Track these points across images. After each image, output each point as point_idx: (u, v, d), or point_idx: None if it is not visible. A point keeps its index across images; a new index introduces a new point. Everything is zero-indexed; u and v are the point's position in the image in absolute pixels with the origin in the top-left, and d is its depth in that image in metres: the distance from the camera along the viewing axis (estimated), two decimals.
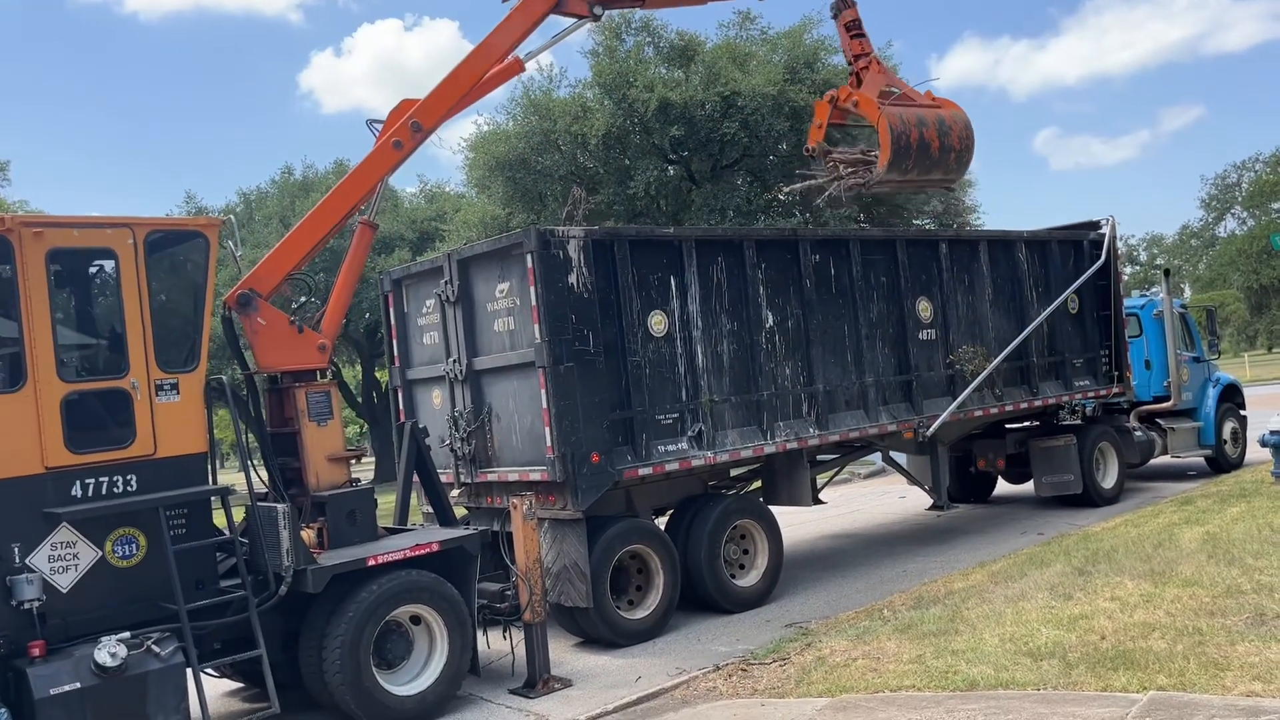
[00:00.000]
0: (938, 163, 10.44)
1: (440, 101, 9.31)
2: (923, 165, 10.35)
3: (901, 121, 10.15)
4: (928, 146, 10.25)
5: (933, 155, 10.31)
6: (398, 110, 9.34)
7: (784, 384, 11.03)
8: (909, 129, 10.15)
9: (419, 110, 9.19)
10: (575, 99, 25.51)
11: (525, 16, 9.66)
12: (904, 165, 10.17)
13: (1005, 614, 8.02)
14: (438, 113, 9.28)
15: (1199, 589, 7.85)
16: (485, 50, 9.56)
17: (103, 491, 7.02)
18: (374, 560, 7.77)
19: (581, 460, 9.22)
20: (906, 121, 10.18)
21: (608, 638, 9.54)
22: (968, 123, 10.70)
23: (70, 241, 7.12)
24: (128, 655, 6.62)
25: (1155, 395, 16.45)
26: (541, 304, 9.15)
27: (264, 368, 8.38)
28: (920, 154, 10.20)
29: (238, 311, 8.28)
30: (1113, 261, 15.18)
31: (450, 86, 9.37)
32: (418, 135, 9.18)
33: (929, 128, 10.36)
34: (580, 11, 9.89)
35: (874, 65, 10.78)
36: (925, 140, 10.25)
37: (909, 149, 10.10)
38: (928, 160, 10.33)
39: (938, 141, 10.32)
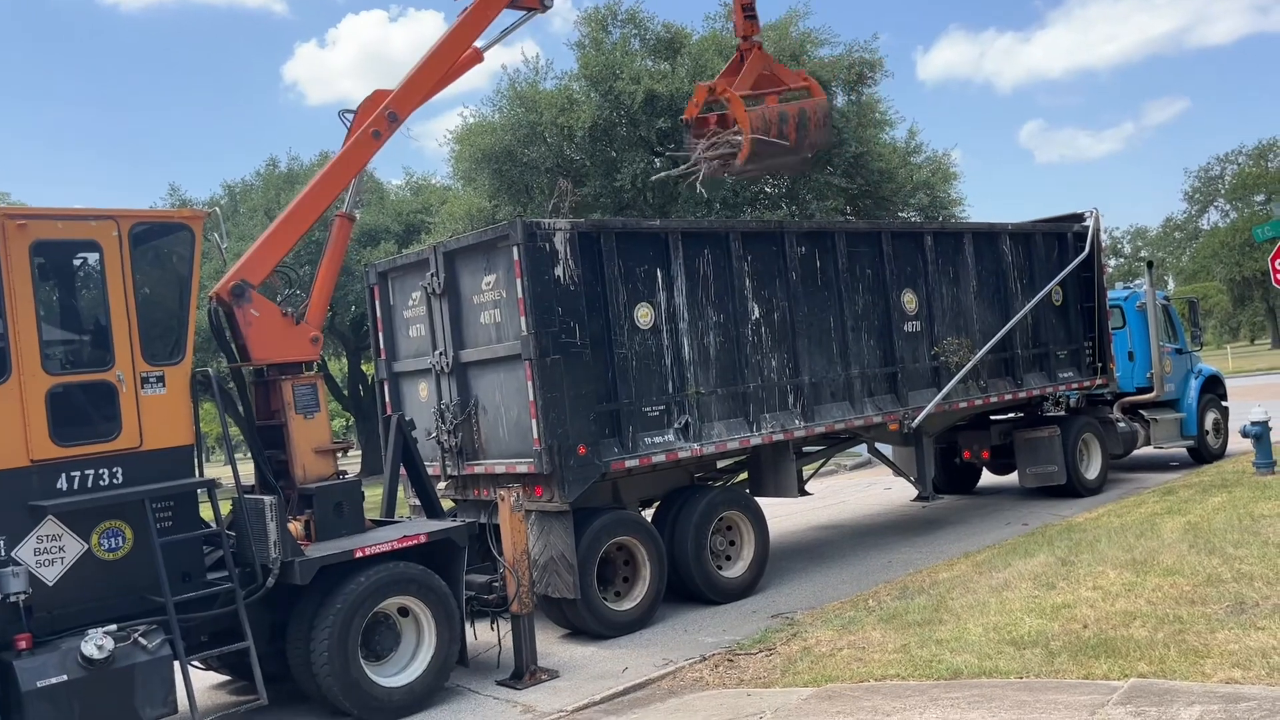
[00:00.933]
0: (793, 152, 11.22)
1: (414, 92, 9.45)
2: (779, 157, 11.20)
3: (764, 121, 10.83)
4: (784, 140, 10.98)
5: (789, 148, 11.09)
6: (371, 101, 9.39)
7: (770, 376, 11.07)
8: (769, 127, 10.86)
9: (394, 101, 9.28)
10: (561, 91, 25.46)
11: (487, 9, 9.90)
12: (762, 160, 11.03)
13: (989, 603, 8.09)
14: (412, 103, 9.42)
15: (1180, 578, 7.94)
16: (454, 42, 9.74)
17: (88, 484, 7.00)
18: (361, 552, 7.78)
19: (568, 452, 9.24)
20: (768, 120, 10.88)
21: (595, 629, 9.58)
22: (827, 111, 11.55)
23: (54, 234, 7.09)
24: (115, 648, 6.61)
25: (1138, 386, 16.57)
26: (528, 296, 9.17)
27: (258, 360, 8.36)
28: (777, 150, 10.97)
29: (232, 303, 8.25)
30: (1096, 254, 15.27)
31: (423, 77, 9.52)
32: (394, 125, 9.29)
33: (789, 124, 11.04)
34: (532, 4, 10.36)
35: (757, 50, 11.37)
36: (784, 135, 10.95)
37: (768, 146, 10.82)
38: (785, 153, 11.14)
39: (795, 136, 11.05)
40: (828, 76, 25.26)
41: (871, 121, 27.50)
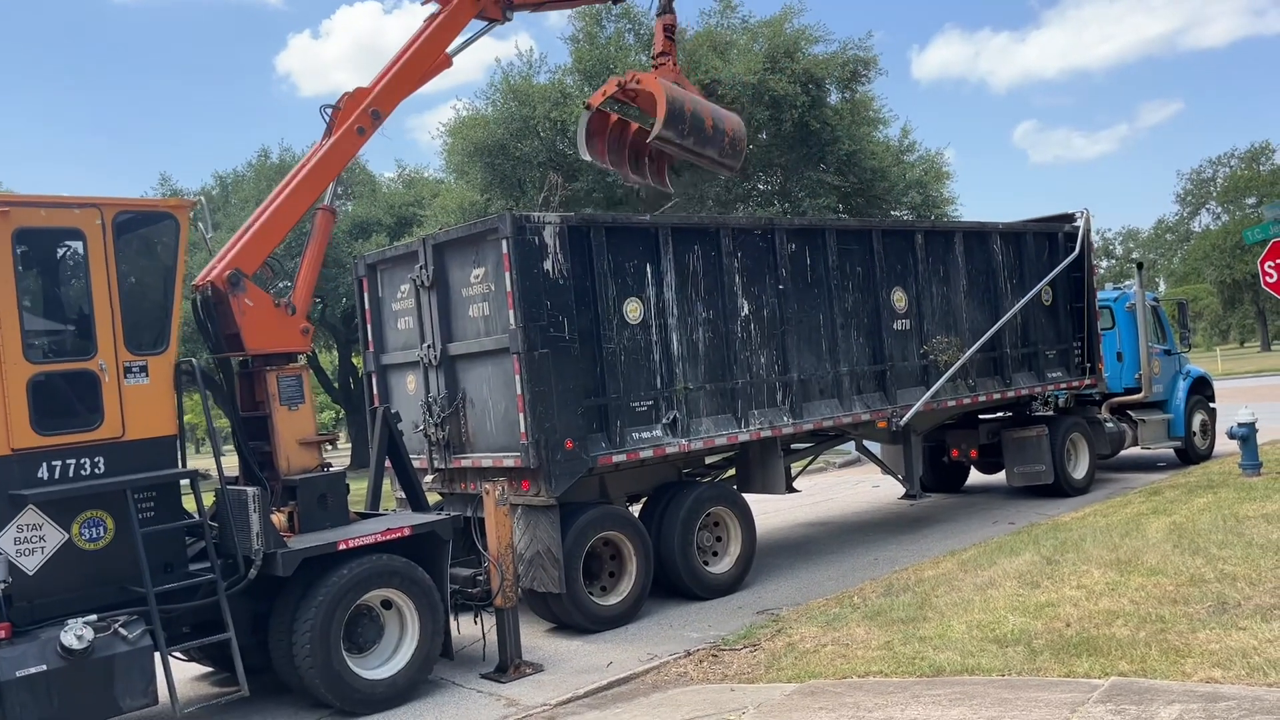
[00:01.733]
0: (711, 140, 11.15)
1: (394, 91, 9.67)
2: (698, 137, 11.06)
3: (679, 92, 10.95)
4: (701, 122, 11.00)
5: (706, 132, 11.08)
6: (353, 98, 9.44)
7: (759, 372, 11.07)
8: (684, 101, 10.91)
9: (377, 99, 9.45)
10: (555, 85, 25.41)
11: (457, 16, 10.15)
12: (680, 129, 10.83)
13: (973, 601, 8.10)
14: (393, 101, 9.65)
15: (1163, 578, 7.95)
16: (430, 44, 9.96)
17: (70, 474, 6.96)
18: (345, 544, 7.75)
19: (555, 447, 9.22)
20: (682, 95, 10.98)
21: (580, 623, 9.56)
22: (740, 124, 11.71)
23: (37, 221, 7.04)
24: (94, 638, 6.57)
25: (1126, 387, 16.61)
26: (516, 290, 9.14)
27: (251, 349, 8.33)
28: (694, 125, 10.93)
29: (227, 291, 8.21)
30: (1086, 254, 15.29)
31: (402, 76, 9.73)
32: (376, 122, 9.46)
33: (702, 108, 11.17)
34: (494, 15, 10.57)
35: (671, 65, 11.56)
36: (699, 115, 10.98)
37: (683, 115, 10.77)
38: (702, 135, 11.06)
39: (710, 121, 11.11)
40: (821, 74, 25.27)
41: (865, 120, 27.50)
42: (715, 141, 11.27)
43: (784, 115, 23.99)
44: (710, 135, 11.18)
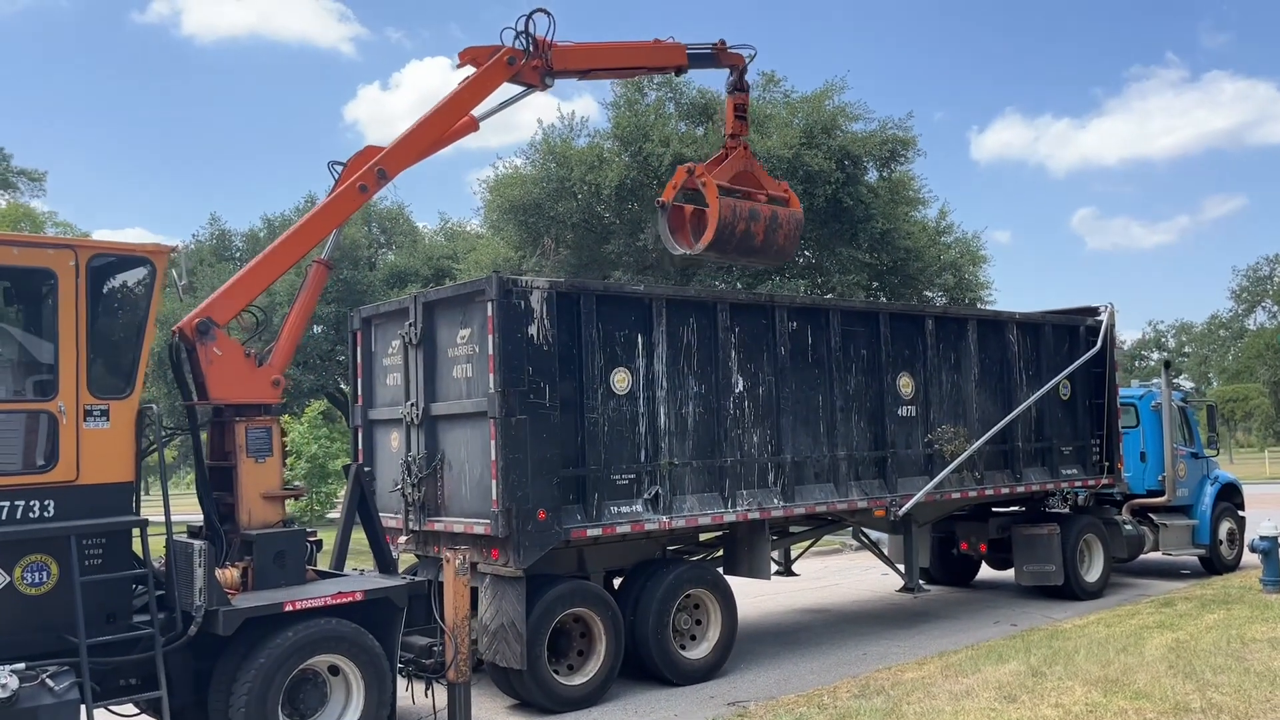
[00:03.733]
0: (759, 251, 11.14)
1: (406, 152, 9.47)
2: (744, 251, 11.09)
3: (733, 214, 10.74)
4: (751, 239, 10.92)
5: (755, 246, 11.03)
6: (362, 155, 9.43)
7: (750, 451, 10.78)
8: (738, 221, 10.78)
9: (385, 159, 9.28)
10: (592, 149, 25.63)
11: (490, 80, 9.98)
12: (725, 248, 10.94)
13: (944, 712, 7.68)
14: (403, 162, 9.43)
15: (1146, 703, 7.48)
16: (451, 108, 9.79)
17: (17, 515, 6.83)
18: (291, 606, 7.53)
19: (526, 516, 8.99)
20: (738, 214, 10.79)
21: (541, 703, 9.24)
22: (799, 223, 11.53)
23: (9, 260, 7.02)
24: (19, 687, 6.39)
25: (1149, 489, 16.04)
26: (498, 353, 9.00)
27: (216, 399, 8.23)
28: (743, 243, 10.90)
29: (195, 339, 8.16)
30: (1109, 349, 14.86)
31: (417, 138, 9.53)
32: (382, 181, 9.33)
33: (758, 223, 10.96)
34: (532, 81, 10.32)
35: (742, 149, 11.38)
36: (750, 233, 10.88)
37: (731, 238, 10.76)
38: (750, 249, 11.04)
39: (763, 237, 11.01)
40: (859, 151, 25.23)
41: (902, 199, 27.39)
42: (764, 251, 11.23)
43: (817, 190, 23.94)
44: (759, 247, 11.09)
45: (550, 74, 10.36)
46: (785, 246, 11.38)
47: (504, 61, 9.98)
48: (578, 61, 10.68)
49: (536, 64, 10.22)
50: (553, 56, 10.32)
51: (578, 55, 10.66)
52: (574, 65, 10.68)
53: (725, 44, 11.65)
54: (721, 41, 11.66)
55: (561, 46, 10.43)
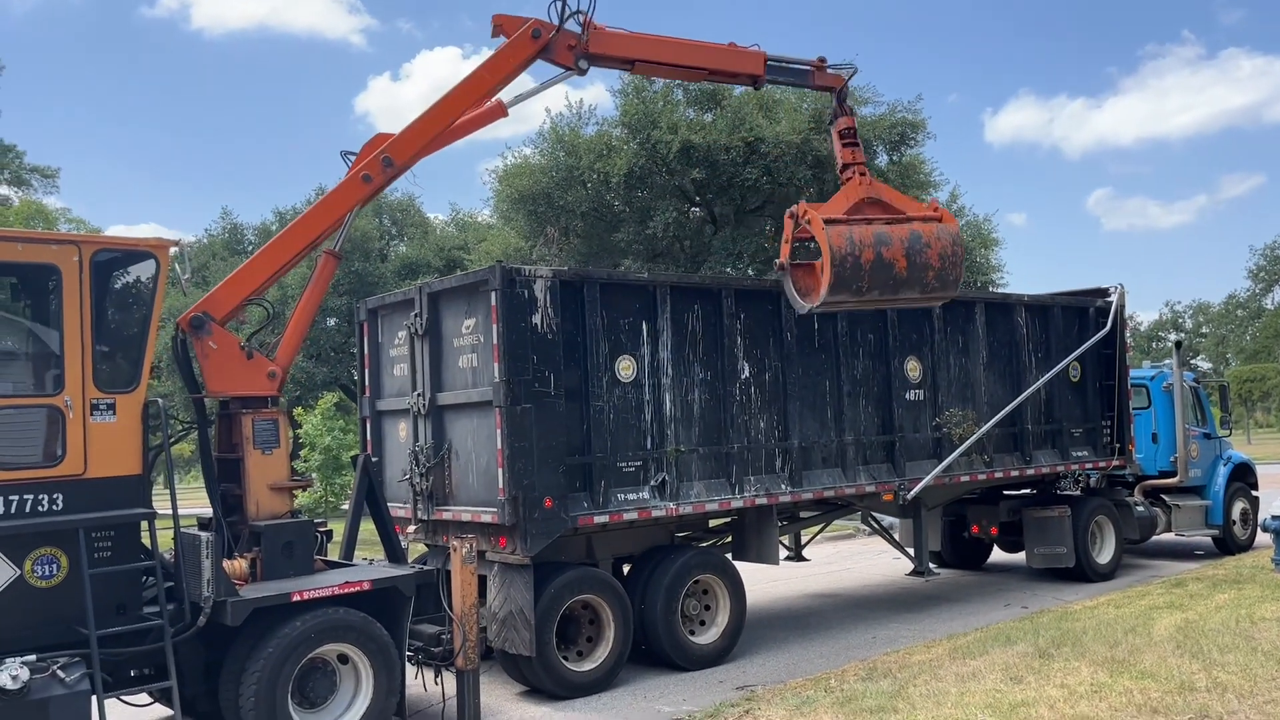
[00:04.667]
0: (908, 282, 9.59)
1: (414, 138, 9.16)
2: (885, 285, 9.53)
3: (850, 243, 9.33)
4: (889, 268, 9.43)
5: (898, 274, 9.50)
6: (371, 144, 9.23)
7: (757, 437, 10.78)
8: (860, 249, 9.34)
9: (392, 145, 9.06)
10: (600, 137, 25.60)
11: (511, 57, 9.45)
12: (856, 286, 9.42)
13: (949, 694, 7.68)
14: (410, 149, 9.14)
15: (1152, 682, 7.47)
16: (466, 88, 9.37)
17: (26, 509, 6.92)
18: (299, 595, 7.60)
19: (533, 504, 9.03)
20: (858, 242, 9.38)
21: (550, 689, 9.29)
22: (955, 238, 9.79)
23: (13, 256, 7.09)
24: (30, 679, 6.47)
25: (1161, 470, 15.97)
26: (502, 343, 9.02)
27: (212, 392, 8.31)
28: (878, 274, 9.42)
29: (190, 334, 8.22)
30: (1119, 330, 14.78)
31: (425, 123, 9.21)
32: (388, 170, 9.04)
33: (892, 246, 9.46)
34: (566, 62, 9.62)
35: (857, 177, 10.04)
36: (885, 261, 9.40)
37: (859, 272, 9.34)
38: (891, 279, 9.51)
39: (904, 261, 9.45)
40: (868, 135, 25.10)
41: (913, 182, 27.25)
42: (914, 282, 9.58)
43: (827, 175, 23.83)
44: (905, 276, 9.51)
45: (587, 57, 9.55)
46: (944, 270, 9.67)
47: (528, 35, 9.32)
48: (623, 48, 9.77)
49: (571, 43, 9.44)
50: (590, 38, 9.48)
51: (623, 42, 9.77)
52: (617, 52, 9.76)
53: (824, 63, 10.35)
54: (821, 60, 10.39)
55: (606, 30, 9.63)
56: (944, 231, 9.71)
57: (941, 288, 9.86)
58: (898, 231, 9.60)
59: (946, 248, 9.66)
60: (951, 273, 9.73)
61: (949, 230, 9.76)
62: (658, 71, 10.76)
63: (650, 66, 10.29)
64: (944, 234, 9.69)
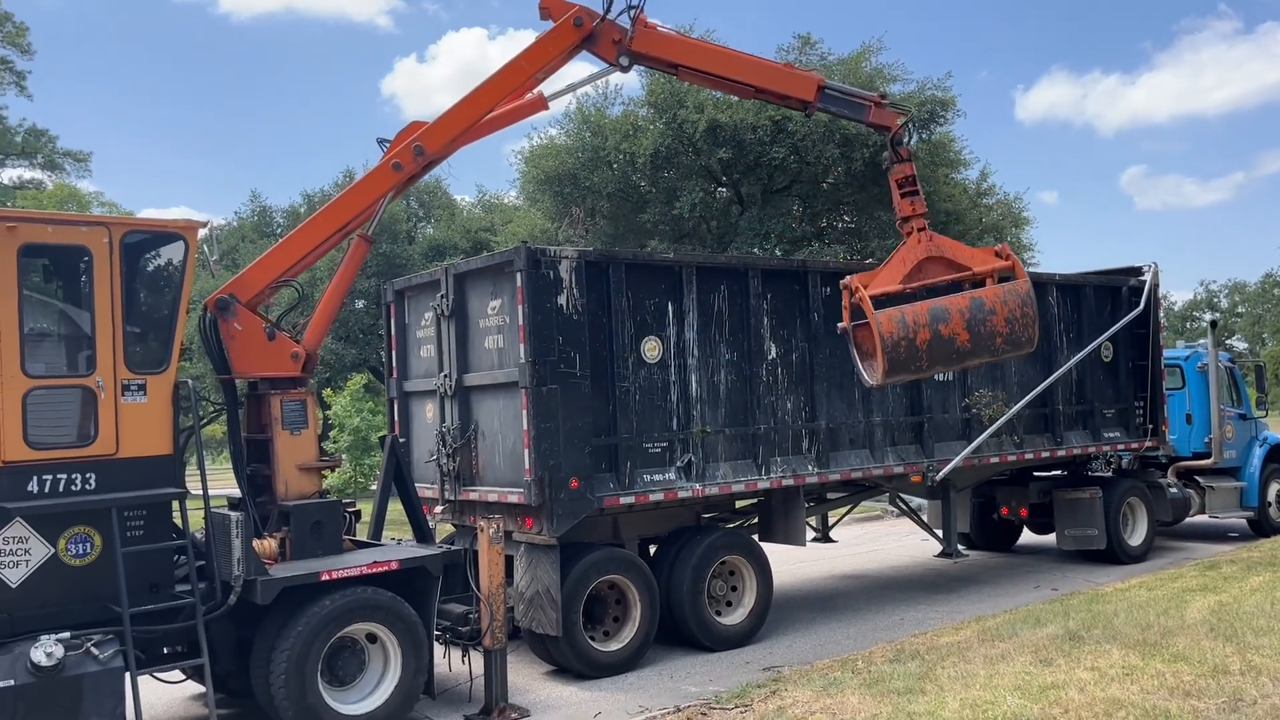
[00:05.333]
0: (973, 351, 9.09)
1: (448, 127, 9.03)
2: (948, 358, 9.08)
3: (902, 325, 8.86)
4: (949, 342, 8.93)
5: (961, 348, 8.99)
6: (406, 131, 9.17)
7: (784, 418, 10.74)
8: (914, 331, 8.87)
9: (424, 134, 8.97)
10: (627, 117, 25.49)
11: (551, 45, 9.20)
12: (915, 366, 9.00)
13: (978, 676, 7.63)
14: (443, 138, 9.00)
15: (1185, 665, 7.39)
16: (503, 77, 9.15)
17: (59, 488, 7.00)
18: (328, 575, 7.67)
19: (559, 485, 9.04)
20: (912, 324, 8.89)
21: (577, 668, 9.33)
22: (1025, 298, 9.12)
23: (44, 238, 7.15)
24: (65, 656, 6.57)
25: (1195, 451, 15.77)
26: (528, 324, 9.02)
27: (238, 373, 8.37)
28: (938, 351, 8.94)
29: (216, 315, 8.28)
30: (1153, 310, 14.57)
31: (459, 112, 9.08)
32: (419, 159, 8.92)
33: (950, 321, 8.93)
34: (608, 56, 9.38)
35: (916, 233, 9.39)
36: (943, 337, 8.91)
37: (914, 353, 8.89)
38: (954, 353, 9.02)
39: (966, 335, 8.95)
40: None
41: (943, 161, 26.98)
42: (981, 350, 9.10)
43: (855, 154, 23.67)
44: (969, 349, 9.01)
45: (630, 54, 9.26)
46: (1014, 333, 9.08)
47: (570, 23, 9.09)
48: (667, 50, 9.42)
49: (616, 37, 9.16)
50: (638, 35, 9.17)
51: (669, 44, 9.44)
52: (660, 53, 9.40)
53: (884, 99, 9.93)
54: (881, 95, 10.04)
55: (657, 29, 9.33)
56: (1011, 294, 9.11)
57: (1013, 349, 9.34)
58: (956, 303, 9.04)
59: (1015, 310, 9.08)
60: (1023, 334, 9.17)
61: (1017, 292, 9.14)
62: (703, 81, 10.08)
63: (695, 75, 9.76)
64: (1011, 296, 9.09)
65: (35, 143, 36.85)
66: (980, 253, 9.59)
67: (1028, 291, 9.20)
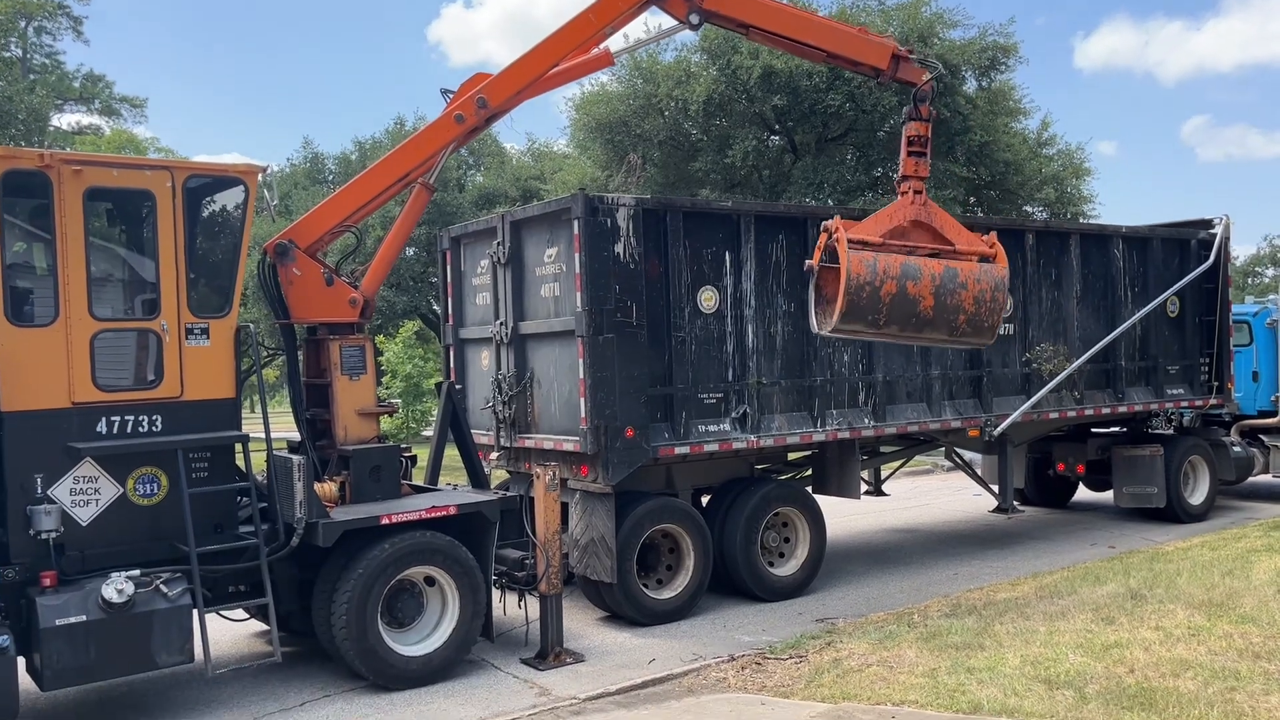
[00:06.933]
0: (933, 322, 8.67)
1: (512, 79, 8.87)
2: (906, 321, 8.61)
3: (871, 270, 8.37)
4: (912, 303, 8.48)
5: (922, 313, 8.58)
6: (470, 82, 9.04)
7: (840, 371, 10.62)
8: (882, 280, 8.38)
9: (488, 86, 8.82)
10: (679, 63, 25.08)
11: (609, 8, 9.00)
12: (871, 318, 8.49)
13: (1038, 633, 7.56)
14: (507, 91, 8.84)
15: (1253, 627, 7.25)
16: (569, 31, 8.97)
17: (127, 430, 7.14)
18: (388, 519, 7.75)
19: (615, 434, 9.03)
20: (882, 271, 8.41)
21: (631, 615, 9.38)
22: (998, 283, 8.82)
23: (109, 181, 7.20)
24: (135, 593, 6.74)
25: (1261, 410, 15.40)
26: (585, 272, 8.96)
27: (296, 319, 8.43)
28: (898, 309, 8.48)
29: (275, 260, 8.31)
30: (1223, 264, 14.15)
31: (524, 65, 8.90)
32: (482, 112, 8.77)
33: (920, 282, 8.51)
34: (678, 13, 9.15)
35: (911, 194, 9.02)
36: (908, 295, 8.45)
37: (875, 305, 8.39)
38: (914, 316, 8.58)
39: (930, 300, 8.54)
40: (956, 60, 24.20)
41: (1003, 110, 26.30)
42: (940, 323, 8.72)
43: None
44: (930, 318, 8.64)
45: (700, 12, 9.06)
46: (978, 315, 8.71)
47: None
48: (740, 10, 9.20)
49: None
50: None
51: (742, 4, 9.19)
52: (733, 13, 9.20)
53: (909, 53, 9.66)
54: (907, 49, 9.68)
55: None
56: (987, 275, 8.80)
57: (974, 334, 8.92)
58: (930, 266, 8.66)
59: (985, 292, 8.73)
60: (987, 320, 8.81)
61: (993, 274, 8.82)
62: (773, 43, 9.83)
63: (766, 36, 9.57)
64: (986, 277, 8.78)
65: (93, 88, 37.23)
66: (970, 234, 9.20)
67: (1003, 278, 8.85)
